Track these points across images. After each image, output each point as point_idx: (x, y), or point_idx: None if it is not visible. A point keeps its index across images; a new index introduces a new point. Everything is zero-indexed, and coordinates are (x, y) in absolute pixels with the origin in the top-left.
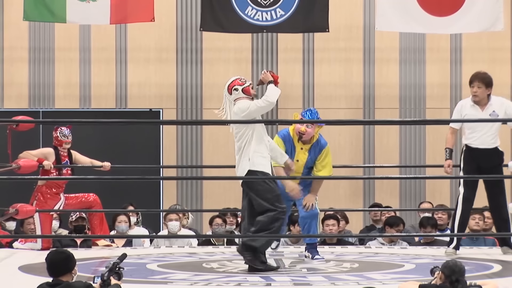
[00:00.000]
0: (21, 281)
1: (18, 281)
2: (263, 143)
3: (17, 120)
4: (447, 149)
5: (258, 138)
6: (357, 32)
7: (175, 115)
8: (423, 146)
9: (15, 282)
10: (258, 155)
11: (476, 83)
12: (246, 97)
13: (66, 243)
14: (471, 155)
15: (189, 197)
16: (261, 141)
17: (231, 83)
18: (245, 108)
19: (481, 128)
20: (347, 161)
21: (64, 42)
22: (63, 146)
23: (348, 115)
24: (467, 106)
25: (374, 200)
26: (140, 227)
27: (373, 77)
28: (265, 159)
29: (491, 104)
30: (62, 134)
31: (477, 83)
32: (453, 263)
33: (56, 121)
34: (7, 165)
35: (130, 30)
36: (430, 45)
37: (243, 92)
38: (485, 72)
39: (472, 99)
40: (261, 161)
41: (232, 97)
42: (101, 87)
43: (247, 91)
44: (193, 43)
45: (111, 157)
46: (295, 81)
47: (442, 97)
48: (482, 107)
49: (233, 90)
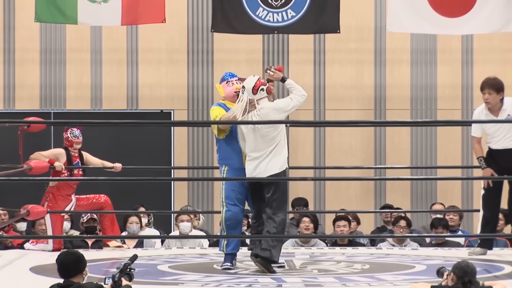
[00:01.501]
0: (32, 282)
1: (29, 282)
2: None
3: (28, 121)
4: (481, 158)
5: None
6: (368, 33)
7: (186, 116)
8: (434, 147)
9: (26, 283)
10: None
11: (486, 90)
12: (268, 97)
13: (77, 244)
14: (492, 157)
15: (200, 198)
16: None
17: (256, 83)
18: (287, 106)
19: (499, 133)
20: (358, 162)
21: (75, 43)
22: (74, 146)
23: (359, 116)
24: (482, 116)
25: (386, 201)
26: (151, 228)
27: (384, 78)
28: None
29: (505, 108)
30: (72, 135)
31: (487, 90)
32: (465, 264)
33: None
34: (18, 166)
35: (141, 31)
36: (441, 46)
37: (266, 92)
38: (495, 78)
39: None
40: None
41: (257, 96)
42: (112, 88)
43: (269, 91)
44: (204, 44)
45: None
46: (306, 82)
47: (453, 98)
48: (496, 112)
49: (260, 91)
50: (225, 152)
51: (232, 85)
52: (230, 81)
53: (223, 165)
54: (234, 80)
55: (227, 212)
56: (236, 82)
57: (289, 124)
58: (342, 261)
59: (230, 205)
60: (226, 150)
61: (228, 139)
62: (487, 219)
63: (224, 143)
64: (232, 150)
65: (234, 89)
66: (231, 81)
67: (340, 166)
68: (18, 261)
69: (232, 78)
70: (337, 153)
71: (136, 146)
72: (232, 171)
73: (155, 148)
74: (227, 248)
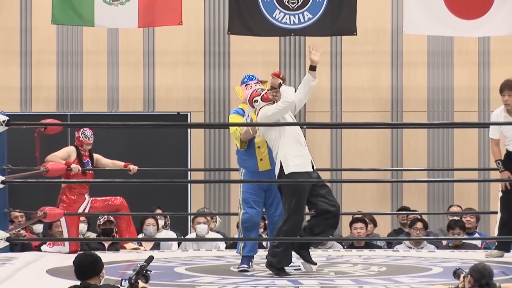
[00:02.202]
0: (49, 284)
1: (46, 284)
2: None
3: (45, 123)
4: (499, 161)
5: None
6: (385, 35)
7: (203, 118)
8: (451, 149)
9: (43, 285)
10: (292, 156)
11: (506, 91)
12: (267, 104)
13: (94, 247)
14: (510, 159)
15: (217, 200)
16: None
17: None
18: (266, 113)
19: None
20: (375, 164)
21: (92, 45)
22: (84, 147)
23: (375, 118)
24: (501, 118)
25: (402, 203)
26: (168, 230)
27: (401, 80)
28: (300, 158)
29: None
30: (84, 135)
31: (507, 92)
32: (482, 267)
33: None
34: (35, 168)
35: (158, 33)
36: (458, 48)
37: (263, 101)
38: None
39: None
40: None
41: (257, 106)
42: (129, 91)
43: (266, 98)
44: (221, 46)
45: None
46: (323, 84)
47: (470, 100)
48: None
49: (254, 103)
50: (241, 155)
51: (250, 88)
52: (248, 84)
53: (241, 168)
54: (252, 83)
55: (244, 214)
56: (254, 85)
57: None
58: (359, 264)
59: (247, 207)
60: (242, 153)
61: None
62: (504, 221)
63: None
64: (248, 154)
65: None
66: (250, 84)
67: (356, 168)
68: (35, 263)
69: (251, 81)
70: (353, 155)
71: (153, 149)
72: (248, 174)
73: (171, 150)
74: (243, 250)
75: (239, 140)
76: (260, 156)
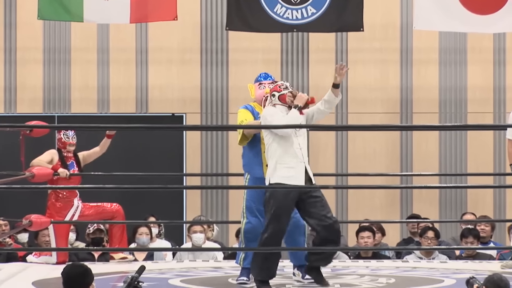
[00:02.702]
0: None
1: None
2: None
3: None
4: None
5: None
6: (394, 32)
7: (199, 120)
8: (464, 153)
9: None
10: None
11: None
12: (282, 105)
13: (83, 257)
14: None
15: (214, 208)
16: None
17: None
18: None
19: None
20: (383, 169)
21: (80, 42)
22: (67, 148)
23: (384, 120)
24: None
25: (412, 211)
26: (162, 239)
27: (411, 80)
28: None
29: None
30: (65, 136)
31: None
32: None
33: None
34: (20, 173)
35: (151, 29)
36: (472, 45)
37: (279, 99)
38: None
39: None
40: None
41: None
42: (120, 90)
43: (283, 99)
44: (218, 43)
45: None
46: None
47: (484, 100)
48: None
49: (272, 97)
50: (247, 159)
51: (263, 88)
52: (262, 84)
53: (246, 173)
54: (267, 83)
55: (247, 224)
56: (268, 85)
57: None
58: (366, 275)
59: (250, 216)
60: (249, 157)
61: (252, 146)
62: None
63: (248, 149)
64: (254, 158)
65: (264, 93)
66: (264, 84)
67: (363, 173)
68: (20, 274)
69: (265, 81)
70: (360, 159)
71: (146, 152)
72: (253, 180)
73: (166, 154)
74: (244, 262)
75: (242, 134)
76: (266, 162)
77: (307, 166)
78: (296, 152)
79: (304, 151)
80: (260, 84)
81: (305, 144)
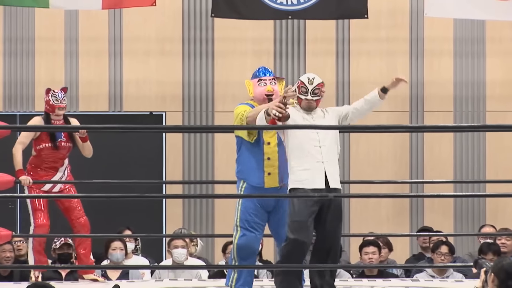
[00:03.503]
0: None
1: None
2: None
3: None
4: None
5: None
6: (403, 19)
7: (181, 120)
8: (482, 157)
9: None
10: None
11: None
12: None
13: (48, 275)
14: None
15: (198, 220)
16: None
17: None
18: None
19: None
20: (391, 175)
21: (46, 31)
22: (56, 112)
23: (391, 120)
24: None
25: (423, 223)
26: (139, 255)
27: (421, 74)
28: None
29: None
30: (54, 98)
31: None
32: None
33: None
34: None
35: (126, 16)
36: (490, 35)
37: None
38: None
39: None
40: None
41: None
42: (91, 86)
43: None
44: (202, 32)
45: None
46: (327, 78)
47: (506, 97)
48: None
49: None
50: (245, 165)
51: (264, 85)
52: (263, 80)
53: (241, 180)
54: (268, 79)
55: (240, 238)
56: (269, 82)
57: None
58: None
59: (245, 230)
60: (248, 161)
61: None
62: None
63: (247, 153)
64: (254, 164)
65: (265, 90)
66: (264, 80)
67: (368, 180)
68: None
69: (266, 77)
70: (364, 165)
71: (120, 157)
72: (250, 189)
73: (143, 159)
74: (236, 283)
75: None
76: (268, 170)
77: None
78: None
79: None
80: (260, 81)
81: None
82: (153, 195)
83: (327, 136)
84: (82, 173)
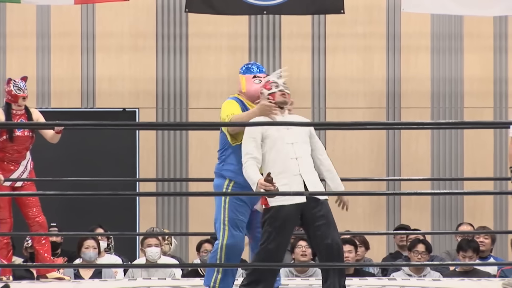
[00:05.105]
0: None
1: None
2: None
3: None
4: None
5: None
6: (379, 14)
7: (155, 117)
8: (460, 154)
9: None
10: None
11: None
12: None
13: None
14: None
15: (172, 218)
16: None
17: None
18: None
19: None
20: (367, 173)
21: (17, 26)
22: (19, 102)
23: (367, 117)
24: None
25: (400, 221)
26: (112, 254)
27: (398, 70)
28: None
29: None
30: (16, 87)
31: None
32: None
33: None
34: None
35: (99, 11)
36: (468, 30)
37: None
38: None
39: None
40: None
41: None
42: (62, 82)
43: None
44: (176, 27)
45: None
46: (302, 74)
47: (483, 94)
48: None
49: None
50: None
51: (260, 82)
52: (258, 77)
53: (226, 179)
54: (263, 76)
55: (229, 238)
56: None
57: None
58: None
59: (233, 230)
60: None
61: None
62: None
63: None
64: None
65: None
66: (259, 77)
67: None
68: None
69: (262, 74)
70: (340, 162)
71: (93, 154)
72: (238, 188)
73: (116, 156)
74: (220, 285)
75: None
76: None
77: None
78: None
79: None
80: (255, 77)
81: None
82: (126, 193)
83: (302, 147)
84: (54, 170)
